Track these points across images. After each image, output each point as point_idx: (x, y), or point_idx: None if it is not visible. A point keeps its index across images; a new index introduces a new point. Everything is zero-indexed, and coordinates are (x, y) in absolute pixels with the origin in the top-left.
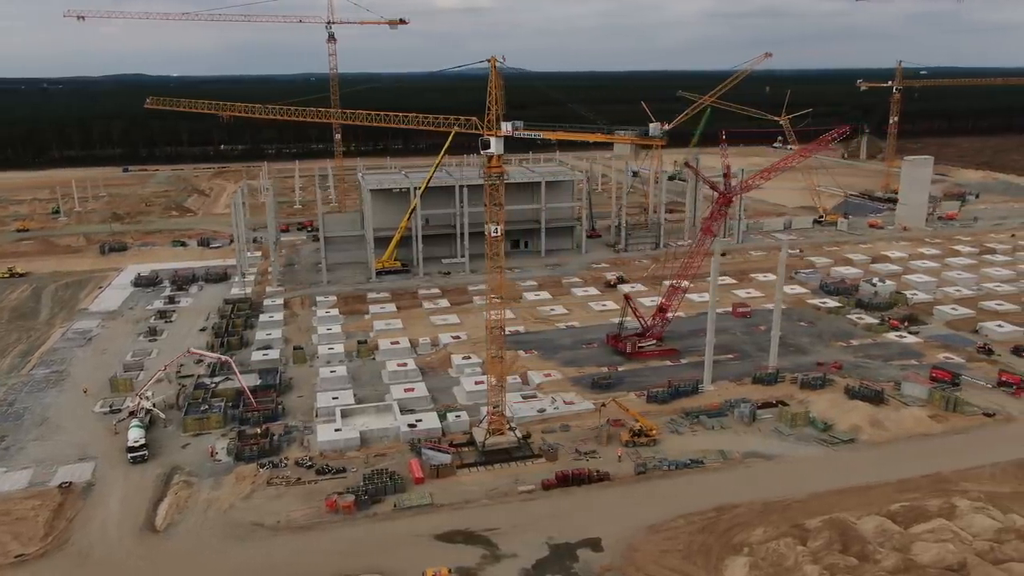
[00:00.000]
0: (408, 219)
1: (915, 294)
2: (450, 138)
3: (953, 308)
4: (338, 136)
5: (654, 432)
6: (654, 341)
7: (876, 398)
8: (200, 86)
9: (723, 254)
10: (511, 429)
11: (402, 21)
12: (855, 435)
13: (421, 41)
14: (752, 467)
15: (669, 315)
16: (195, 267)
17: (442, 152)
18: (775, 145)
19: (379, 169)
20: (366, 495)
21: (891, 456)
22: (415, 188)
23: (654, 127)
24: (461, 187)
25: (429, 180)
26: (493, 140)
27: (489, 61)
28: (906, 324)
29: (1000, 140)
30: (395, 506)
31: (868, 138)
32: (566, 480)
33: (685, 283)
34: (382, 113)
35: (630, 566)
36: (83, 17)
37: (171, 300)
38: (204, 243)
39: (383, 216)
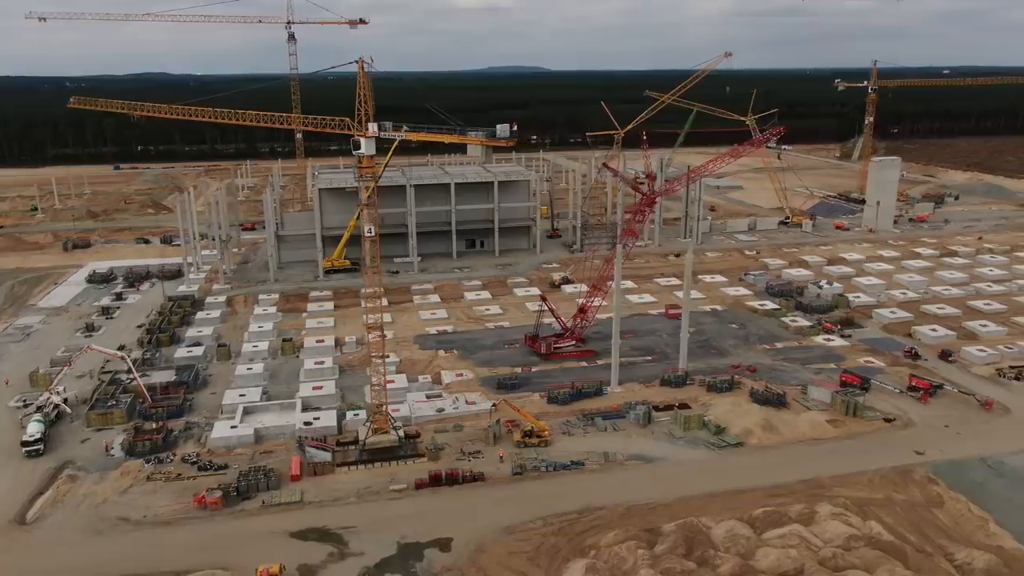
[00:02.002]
0: (357, 219)
1: (858, 297)
2: (396, 140)
3: (892, 312)
4: (299, 136)
5: (546, 433)
6: (573, 342)
7: (778, 402)
8: (215, 84)
9: (677, 255)
10: (395, 428)
11: (362, 21)
12: (745, 439)
13: (443, 40)
14: (631, 470)
15: (590, 316)
16: (150, 264)
17: (390, 152)
18: (769, 146)
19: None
20: (236, 492)
21: (774, 461)
22: (366, 187)
23: (501, 128)
24: (412, 187)
25: (378, 180)
26: (363, 141)
27: (357, 63)
28: (839, 327)
29: (1001, 141)
30: (263, 503)
31: (867, 138)
32: (438, 480)
33: (610, 283)
34: (264, 114)
35: (472, 567)
36: (44, 19)
37: (119, 297)
38: (167, 240)
39: (336, 215)
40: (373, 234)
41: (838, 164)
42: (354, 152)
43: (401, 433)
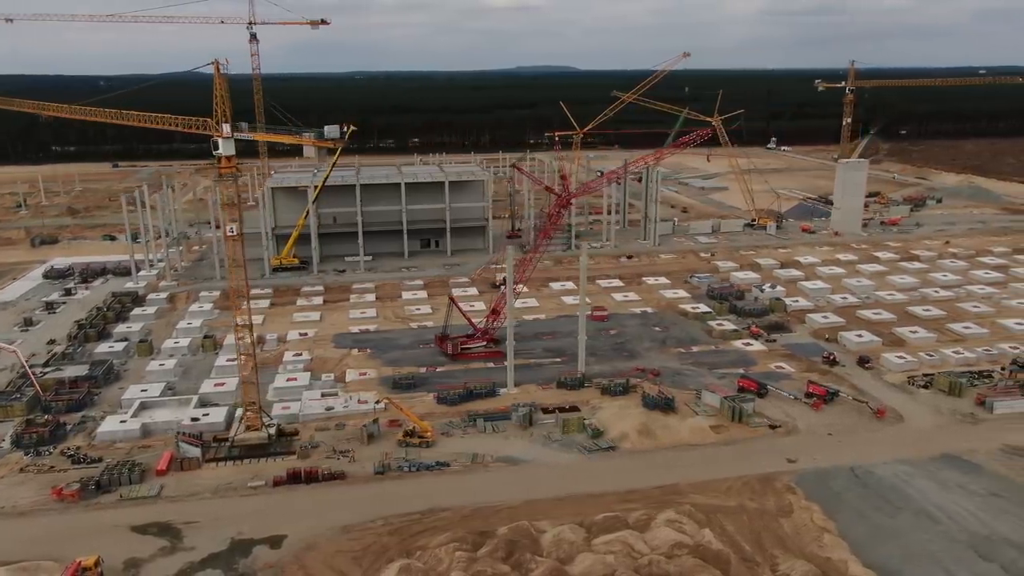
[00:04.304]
0: (305, 217)
1: (796, 301)
2: (347, 137)
3: (824, 317)
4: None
5: (428, 434)
6: (484, 343)
7: (667, 406)
8: (242, 84)
9: (629, 257)
10: (268, 426)
11: (323, 22)
12: (620, 443)
13: (475, 39)
14: (494, 472)
15: (503, 317)
16: (107, 261)
17: (336, 153)
18: (768, 146)
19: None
20: (97, 485)
21: (641, 465)
22: (314, 186)
23: (330, 129)
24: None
25: (326, 179)
26: (221, 141)
27: (212, 64)
28: (766, 332)
29: (1010, 143)
30: (120, 497)
31: (871, 139)
32: (296, 477)
33: (520, 287)
34: (142, 114)
35: (295, 564)
36: (11, 19)
37: (68, 292)
38: (133, 238)
39: (289, 214)
40: (235, 233)
41: (833, 166)
42: (213, 153)
43: (272, 430)
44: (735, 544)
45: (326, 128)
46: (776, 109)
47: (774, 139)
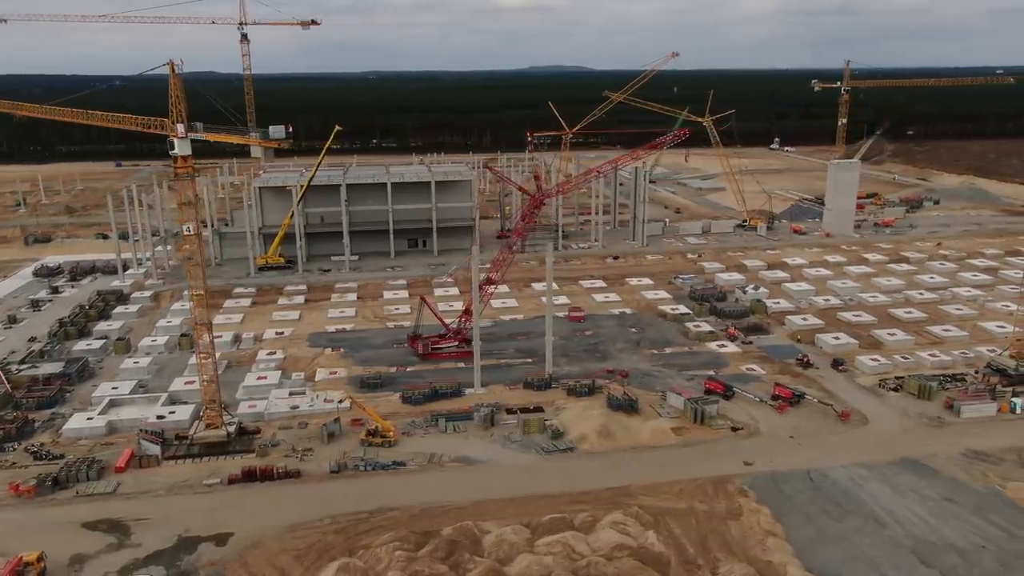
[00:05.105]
0: (291, 217)
1: (778, 302)
2: (331, 138)
3: (804, 319)
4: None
5: (391, 433)
6: (456, 343)
7: (631, 408)
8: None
9: (615, 257)
10: (228, 424)
11: (313, 22)
12: (579, 444)
13: (488, 39)
14: (449, 471)
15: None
16: (96, 260)
17: (323, 153)
18: (771, 147)
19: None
20: (55, 481)
21: (597, 466)
22: (299, 186)
23: (275, 129)
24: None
25: (311, 179)
26: (177, 141)
27: (167, 65)
28: (743, 334)
29: (1015, 143)
30: (77, 493)
31: (877, 140)
32: (252, 476)
33: (493, 288)
34: (106, 114)
35: (237, 562)
36: (5, 20)
37: (55, 291)
38: (124, 236)
39: (277, 213)
40: (192, 232)
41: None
42: (170, 152)
43: (231, 429)
44: (679, 546)
45: (271, 128)
46: (782, 109)
47: (777, 139)
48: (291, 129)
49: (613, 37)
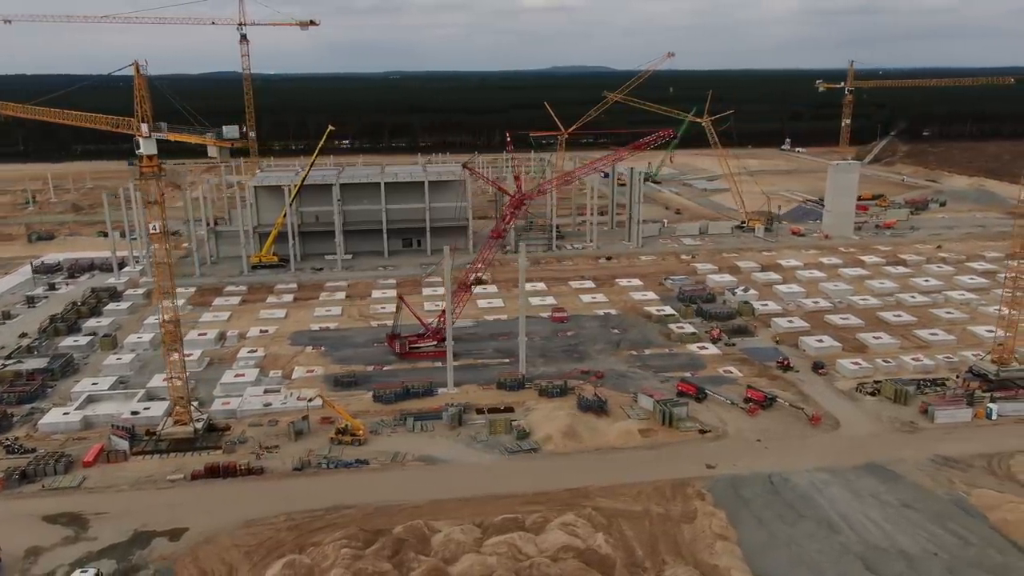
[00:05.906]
0: (284, 216)
1: (766, 304)
2: (324, 138)
3: (789, 321)
4: (252, 134)
5: (360, 432)
6: (435, 343)
7: (600, 409)
8: (279, 83)
9: (608, 258)
10: (197, 421)
11: (312, 23)
12: (543, 445)
13: (510, 40)
14: (410, 471)
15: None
16: (95, 257)
17: (316, 152)
18: (783, 147)
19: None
20: (23, 475)
21: (558, 467)
22: (292, 185)
23: (228, 129)
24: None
25: (304, 179)
26: (143, 141)
27: (132, 66)
28: (726, 335)
29: None
30: (43, 487)
31: (890, 140)
32: (215, 472)
33: (475, 285)
34: (79, 114)
35: (187, 557)
36: (9, 20)
37: (51, 287)
38: (120, 234)
39: (272, 212)
40: (158, 230)
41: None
42: (136, 152)
43: (199, 425)
44: (628, 549)
45: (224, 128)
46: (798, 110)
47: (788, 140)
48: (244, 129)
49: (635, 37)
